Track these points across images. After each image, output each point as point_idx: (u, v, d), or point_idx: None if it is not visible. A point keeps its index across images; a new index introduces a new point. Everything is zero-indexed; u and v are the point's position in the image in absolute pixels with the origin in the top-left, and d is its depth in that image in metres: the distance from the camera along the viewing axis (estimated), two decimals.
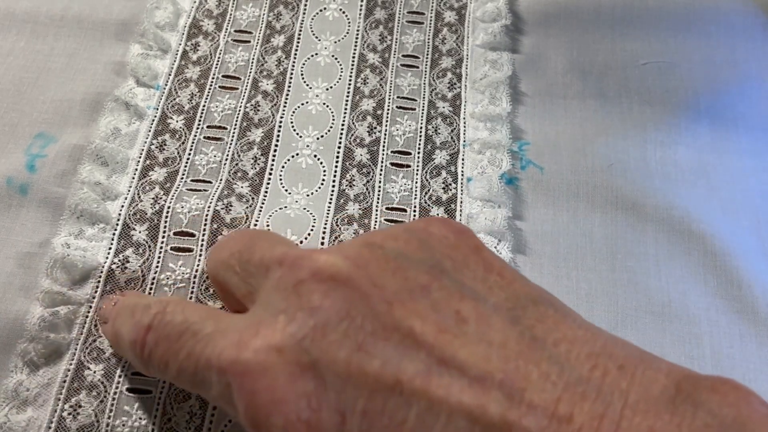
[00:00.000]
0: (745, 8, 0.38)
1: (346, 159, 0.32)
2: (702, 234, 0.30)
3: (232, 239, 0.24)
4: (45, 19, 0.35)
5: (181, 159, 0.31)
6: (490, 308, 0.19)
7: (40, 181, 0.30)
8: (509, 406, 0.17)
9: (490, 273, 0.20)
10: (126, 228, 0.29)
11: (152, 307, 0.22)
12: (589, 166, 0.32)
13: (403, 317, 0.18)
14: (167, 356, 0.21)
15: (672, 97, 0.35)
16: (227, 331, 0.19)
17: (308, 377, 0.18)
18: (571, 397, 0.17)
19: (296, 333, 0.18)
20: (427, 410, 0.17)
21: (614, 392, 0.17)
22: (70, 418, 0.25)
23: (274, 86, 0.34)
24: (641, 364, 0.18)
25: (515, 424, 0.16)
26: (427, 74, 0.35)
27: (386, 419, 0.17)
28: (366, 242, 0.20)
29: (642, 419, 0.16)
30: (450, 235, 0.21)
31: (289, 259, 0.20)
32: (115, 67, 0.34)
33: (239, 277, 0.22)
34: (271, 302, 0.19)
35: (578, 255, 0.30)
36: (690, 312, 0.29)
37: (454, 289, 0.19)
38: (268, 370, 0.18)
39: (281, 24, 0.36)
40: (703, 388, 0.17)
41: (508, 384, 0.17)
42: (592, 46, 0.36)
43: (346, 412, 0.17)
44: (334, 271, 0.19)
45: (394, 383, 0.17)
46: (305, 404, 0.17)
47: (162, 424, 0.25)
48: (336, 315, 0.18)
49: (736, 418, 0.16)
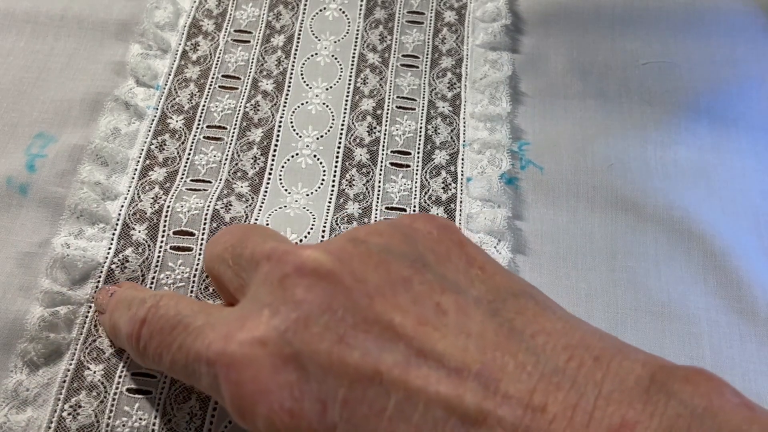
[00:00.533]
0: (745, 8, 0.38)
1: (345, 159, 0.32)
2: (702, 234, 0.30)
3: (227, 233, 0.24)
4: (45, 19, 0.35)
5: (180, 159, 0.31)
6: (471, 301, 0.19)
7: (40, 181, 0.30)
8: (485, 396, 0.17)
9: (471, 266, 0.21)
10: (126, 228, 0.29)
11: (147, 301, 0.22)
12: (589, 166, 0.32)
13: (383, 310, 0.19)
14: (161, 348, 0.21)
15: (672, 97, 0.35)
16: (216, 324, 0.20)
17: (291, 368, 0.18)
18: (546, 387, 0.17)
19: (279, 326, 0.18)
20: (406, 400, 0.17)
21: (589, 383, 0.17)
22: (69, 419, 0.25)
23: (273, 86, 0.34)
24: (618, 355, 0.18)
25: (490, 414, 0.17)
26: (427, 74, 0.35)
27: (366, 408, 0.18)
28: (350, 237, 0.21)
29: (615, 409, 0.17)
30: (434, 231, 0.21)
31: (276, 254, 0.20)
32: (115, 67, 0.34)
33: (232, 270, 0.22)
34: (258, 296, 0.20)
35: (578, 255, 0.30)
36: (690, 312, 0.29)
37: (435, 282, 0.20)
38: (252, 362, 0.18)
39: (281, 24, 0.36)
40: (676, 379, 0.17)
41: (485, 375, 0.17)
42: (592, 46, 0.36)
43: (327, 401, 0.18)
44: (317, 266, 0.19)
45: (374, 374, 0.18)
46: (288, 394, 0.18)
47: (162, 424, 0.25)
48: (318, 308, 0.19)
49: (708, 407, 0.16)
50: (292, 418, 0.18)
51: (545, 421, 0.17)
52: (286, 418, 0.18)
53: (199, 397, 0.25)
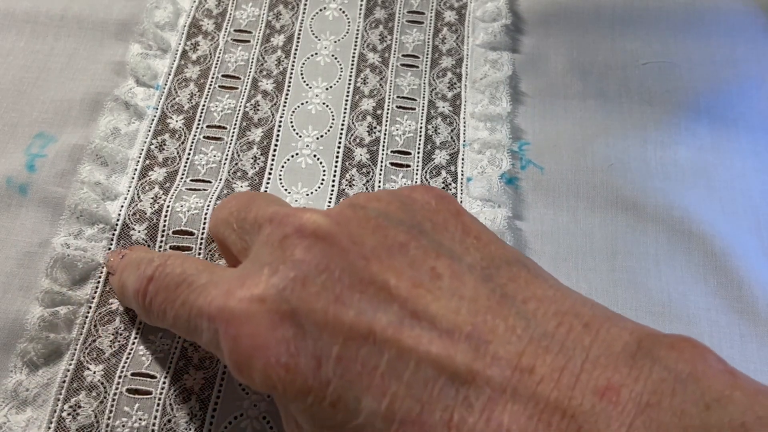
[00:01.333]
0: (745, 8, 0.38)
1: (345, 159, 0.32)
2: (702, 234, 0.30)
3: (233, 198, 0.25)
4: (45, 19, 0.35)
5: (180, 159, 0.31)
6: (465, 267, 0.20)
7: (39, 181, 0.30)
8: (475, 357, 0.18)
9: (467, 235, 0.21)
10: (125, 228, 0.29)
11: (155, 260, 0.23)
12: (589, 166, 0.32)
13: (379, 272, 0.19)
14: (165, 304, 0.22)
15: (672, 97, 0.35)
16: (219, 282, 0.21)
17: (288, 325, 0.19)
18: (535, 350, 0.18)
19: (278, 284, 0.19)
20: (398, 358, 0.18)
21: (577, 347, 0.18)
22: (69, 419, 0.25)
23: (273, 86, 0.34)
24: (606, 322, 0.19)
25: (479, 374, 0.18)
26: (427, 74, 0.35)
27: (359, 365, 0.18)
28: (350, 203, 0.21)
29: (601, 372, 0.17)
30: (432, 201, 0.22)
31: (278, 217, 0.21)
32: (114, 66, 0.34)
33: (236, 234, 0.23)
34: (259, 256, 0.20)
35: (578, 255, 0.30)
36: (690, 312, 0.29)
37: (431, 248, 0.20)
38: (250, 318, 0.19)
39: (281, 23, 0.36)
40: (662, 345, 0.18)
41: (476, 336, 0.18)
42: (592, 46, 0.36)
43: (322, 357, 0.18)
44: (316, 227, 0.20)
45: (368, 332, 0.18)
46: (284, 349, 0.18)
47: (162, 424, 0.25)
48: (316, 268, 0.19)
49: (691, 372, 0.17)
50: (287, 372, 0.18)
51: (533, 382, 0.17)
52: (282, 372, 0.18)
53: (199, 397, 0.25)
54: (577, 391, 0.17)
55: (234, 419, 0.25)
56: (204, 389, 0.26)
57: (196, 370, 0.26)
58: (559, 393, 0.17)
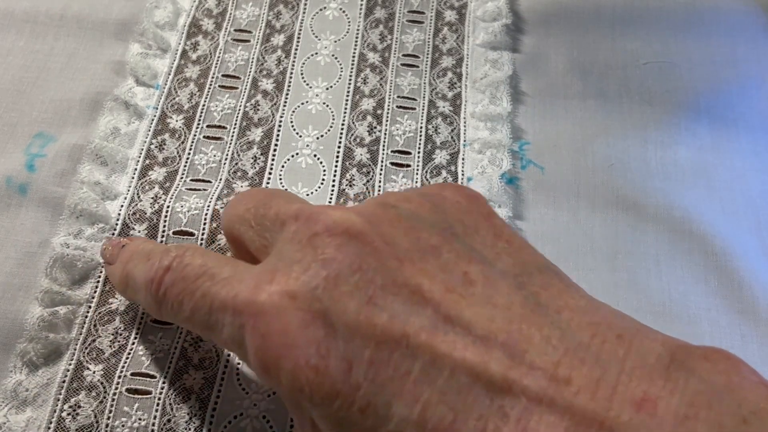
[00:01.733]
0: (745, 8, 0.38)
1: (346, 158, 0.32)
2: (702, 234, 0.30)
3: (248, 195, 0.24)
4: (44, 19, 0.35)
5: (180, 158, 0.31)
6: (497, 273, 0.19)
7: (39, 181, 0.30)
8: (510, 365, 0.17)
9: (499, 239, 0.21)
10: (125, 228, 0.29)
11: (172, 251, 0.22)
12: (589, 166, 0.32)
13: (412, 275, 0.19)
14: (182, 296, 0.21)
15: (672, 97, 0.35)
16: (244, 276, 0.20)
17: (319, 324, 0.18)
18: (571, 361, 0.17)
19: (310, 282, 0.18)
20: (431, 364, 0.17)
21: (612, 359, 0.17)
22: (69, 419, 0.25)
23: (273, 85, 0.34)
24: (638, 334, 0.18)
25: (516, 383, 0.17)
26: (428, 74, 0.35)
27: (391, 370, 0.17)
28: (380, 202, 0.21)
29: (637, 384, 0.17)
30: (463, 201, 0.22)
31: (304, 214, 0.20)
32: (114, 66, 0.34)
33: (254, 231, 0.22)
34: (285, 253, 0.20)
35: (579, 255, 0.30)
36: (690, 312, 0.29)
37: (463, 252, 0.20)
38: (281, 314, 0.18)
39: (281, 23, 0.36)
40: (695, 357, 0.18)
41: (511, 345, 0.18)
42: (593, 46, 0.36)
43: (353, 360, 0.18)
44: (348, 226, 0.19)
45: (401, 336, 0.18)
46: (314, 350, 0.18)
47: (161, 424, 0.25)
48: (348, 267, 0.19)
49: (727, 384, 0.17)
50: (317, 374, 0.18)
51: (570, 393, 0.17)
52: (311, 374, 0.18)
53: (198, 396, 0.25)
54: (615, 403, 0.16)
55: (234, 419, 0.25)
56: (204, 389, 0.26)
57: (196, 369, 0.26)
58: (596, 405, 0.16)
